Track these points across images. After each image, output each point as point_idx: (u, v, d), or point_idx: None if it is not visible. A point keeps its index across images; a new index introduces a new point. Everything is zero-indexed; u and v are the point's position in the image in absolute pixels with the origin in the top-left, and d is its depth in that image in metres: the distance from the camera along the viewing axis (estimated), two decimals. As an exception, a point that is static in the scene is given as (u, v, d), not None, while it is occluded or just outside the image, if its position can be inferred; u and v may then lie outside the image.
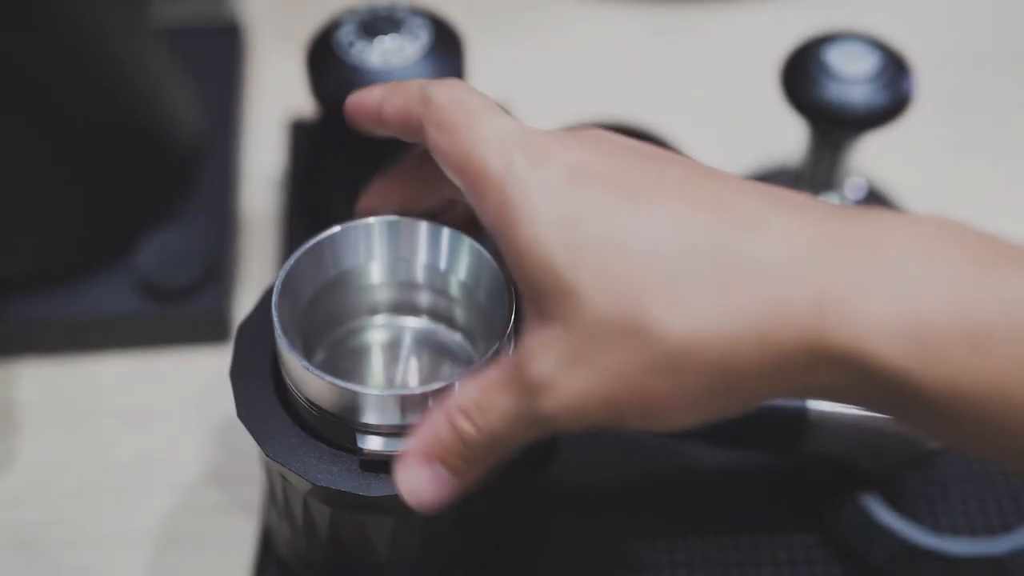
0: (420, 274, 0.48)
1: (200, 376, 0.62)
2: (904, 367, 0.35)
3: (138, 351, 0.63)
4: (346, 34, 0.57)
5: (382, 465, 0.44)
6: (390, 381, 0.48)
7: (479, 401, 0.41)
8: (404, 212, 0.47)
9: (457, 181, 0.42)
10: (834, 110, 0.58)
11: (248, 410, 0.46)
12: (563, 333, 0.39)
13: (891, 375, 0.35)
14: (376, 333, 0.50)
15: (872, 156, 0.70)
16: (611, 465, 0.57)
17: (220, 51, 0.74)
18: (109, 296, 0.62)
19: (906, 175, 0.70)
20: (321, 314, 0.48)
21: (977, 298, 0.35)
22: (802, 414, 0.50)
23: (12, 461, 0.59)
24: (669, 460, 0.58)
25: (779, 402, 0.50)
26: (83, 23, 0.59)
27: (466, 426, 0.41)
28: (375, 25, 0.57)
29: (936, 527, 0.55)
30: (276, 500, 0.49)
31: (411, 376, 0.48)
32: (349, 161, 0.60)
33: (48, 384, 0.62)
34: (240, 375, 0.47)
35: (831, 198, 0.64)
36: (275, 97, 0.74)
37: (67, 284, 0.63)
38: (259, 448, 0.45)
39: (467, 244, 0.47)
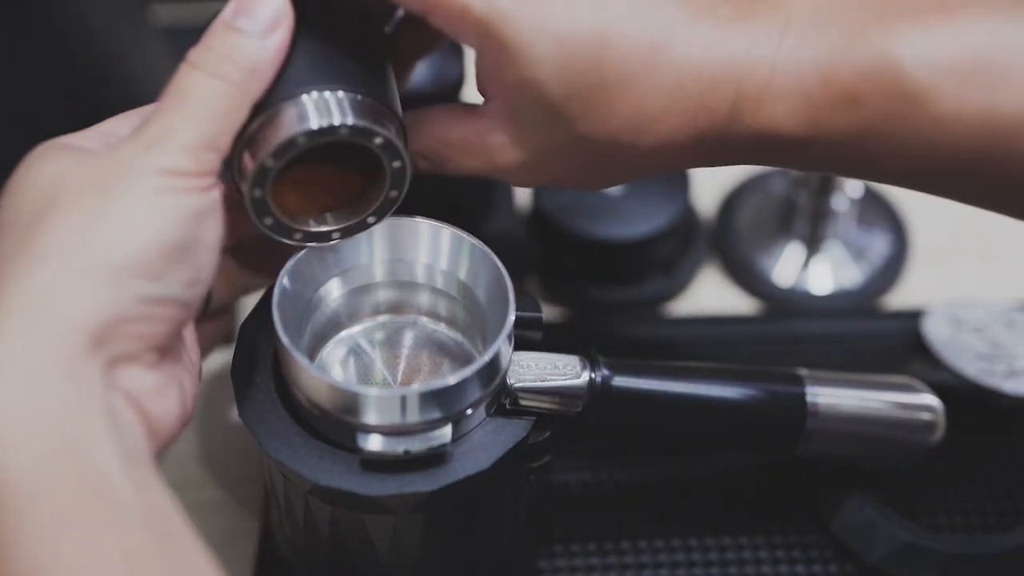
0: (420, 274, 0.49)
1: (202, 375, 0.62)
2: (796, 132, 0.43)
3: (139, 351, 0.63)
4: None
5: (382, 465, 0.44)
6: (390, 381, 0.48)
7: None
8: None
9: None
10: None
11: (249, 409, 0.46)
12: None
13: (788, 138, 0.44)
14: (376, 333, 0.50)
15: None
16: (611, 465, 0.58)
17: (221, 51, 0.74)
18: (110, 296, 0.62)
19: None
20: (322, 314, 0.48)
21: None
22: (802, 414, 0.50)
23: (14, 460, 0.59)
24: (669, 461, 0.58)
25: (779, 402, 0.50)
26: (83, 24, 0.60)
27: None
28: (376, 26, 0.57)
29: (934, 526, 0.55)
30: (277, 499, 0.49)
31: (411, 376, 0.48)
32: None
33: (50, 384, 0.62)
34: (241, 375, 0.47)
35: (830, 200, 0.64)
36: (276, 97, 0.74)
37: (69, 284, 0.63)
38: (260, 447, 0.45)
39: (467, 244, 0.47)
